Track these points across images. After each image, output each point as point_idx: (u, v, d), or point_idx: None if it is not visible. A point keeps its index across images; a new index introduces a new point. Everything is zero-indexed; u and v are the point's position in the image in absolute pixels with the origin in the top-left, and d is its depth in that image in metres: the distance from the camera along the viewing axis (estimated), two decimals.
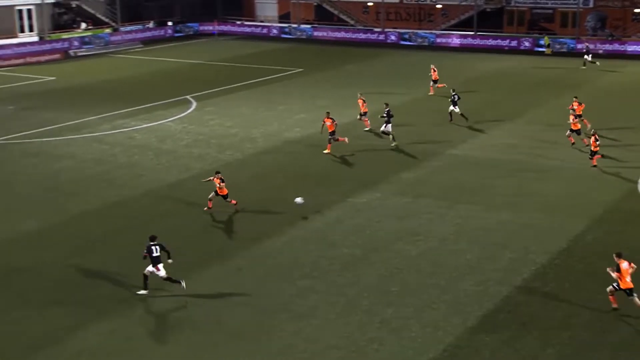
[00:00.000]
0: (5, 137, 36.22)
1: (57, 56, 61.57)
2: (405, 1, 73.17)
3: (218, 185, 26.18)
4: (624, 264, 18.78)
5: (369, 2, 74.73)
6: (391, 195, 27.97)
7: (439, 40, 67.36)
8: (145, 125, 38.68)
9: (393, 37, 69.11)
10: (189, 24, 76.14)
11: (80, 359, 17.21)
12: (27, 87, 49.54)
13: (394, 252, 22.94)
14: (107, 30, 70.28)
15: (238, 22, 76.96)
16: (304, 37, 72.16)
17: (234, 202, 26.41)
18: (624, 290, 18.77)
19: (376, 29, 71.19)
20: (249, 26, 76.27)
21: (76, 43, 64.98)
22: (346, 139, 33.57)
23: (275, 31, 74.13)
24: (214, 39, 73.45)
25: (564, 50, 62.17)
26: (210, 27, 75.91)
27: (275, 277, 21.38)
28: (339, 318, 19.02)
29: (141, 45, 68.59)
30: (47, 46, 63.14)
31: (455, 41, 66.69)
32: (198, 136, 36.64)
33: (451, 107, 38.24)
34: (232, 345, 17.83)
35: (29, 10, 66.23)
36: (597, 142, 30.60)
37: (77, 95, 45.64)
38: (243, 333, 18.33)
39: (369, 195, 28.07)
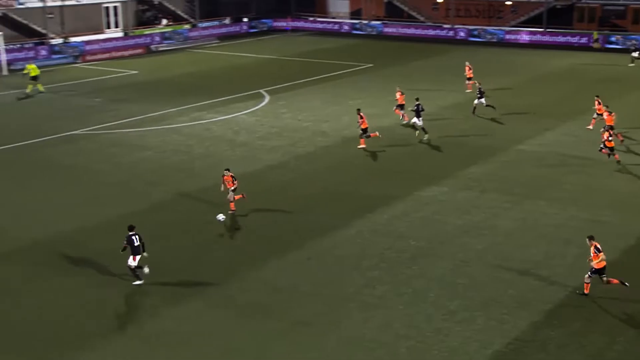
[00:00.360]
0: (92, 128, 37.14)
1: (139, 51, 62.81)
2: None
3: (229, 182, 25.22)
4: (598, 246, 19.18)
5: None
6: (458, 190, 27.62)
7: (508, 36, 66.09)
8: (221, 118, 39.13)
9: (462, 34, 68.15)
10: (263, 20, 76.64)
11: (156, 341, 17.53)
12: (112, 80, 50.69)
13: (459, 245, 22.65)
14: (186, 26, 71.31)
15: (310, 19, 77.08)
16: (374, 33, 71.82)
17: (232, 205, 25.36)
18: (597, 270, 19.09)
19: (445, 26, 70.32)
20: (321, 22, 76.30)
21: (157, 38, 66.15)
22: (377, 133, 33.30)
23: (346, 27, 73.97)
24: (287, 34, 73.76)
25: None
26: (284, 23, 76.25)
27: (344, 267, 21.37)
28: (406, 308, 18.90)
29: (218, 41, 69.39)
30: (130, 41, 64.45)
31: (525, 37, 65.33)
32: (271, 129, 36.87)
33: (476, 101, 38.08)
34: (301, 332, 17.89)
35: (115, 8, 67.72)
36: (610, 139, 29.72)
37: (157, 89, 46.46)
38: (312, 321, 18.37)
39: (436, 189, 27.78)
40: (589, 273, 19.22)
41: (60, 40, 60.64)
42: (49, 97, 44.56)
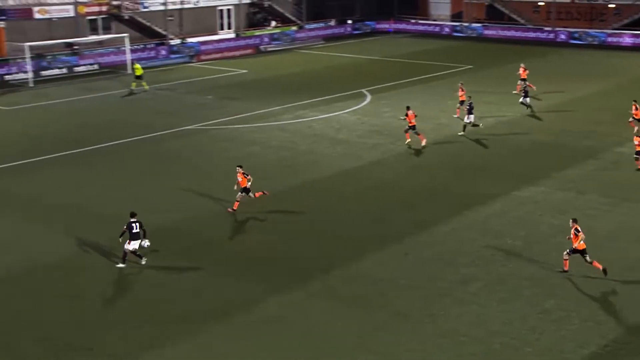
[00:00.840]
0: (204, 123, 38.13)
1: (249, 51, 63.96)
2: (576, 1, 69.55)
3: (240, 179, 24.69)
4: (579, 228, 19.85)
5: (540, 1, 71.73)
6: (555, 190, 26.82)
7: (609, 39, 63.53)
8: (323, 116, 39.38)
9: (563, 36, 65.96)
10: (367, 22, 76.54)
11: (261, 327, 17.82)
12: (224, 79, 51.86)
13: (555, 245, 21.98)
14: (294, 28, 72.11)
15: (412, 21, 76.41)
16: (474, 35, 70.52)
17: (234, 207, 24.95)
18: (579, 251, 19.68)
19: (546, 28, 68.24)
20: (423, 24, 75.51)
21: (266, 39, 67.20)
22: (422, 135, 32.90)
23: (447, 29, 72.96)
24: (389, 36, 73.42)
25: None
26: (386, 25, 75.93)
27: (440, 263, 21.14)
28: (500, 306, 18.53)
29: (323, 42, 69.82)
30: (241, 42, 65.74)
31: (627, 40, 62.62)
32: (372, 127, 36.82)
33: (521, 99, 37.92)
34: (397, 324, 17.83)
35: (228, 10, 69.29)
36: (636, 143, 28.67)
37: (264, 87, 47.19)
38: (408, 314, 18.29)
39: (533, 189, 27.07)
40: (568, 251, 19.81)
41: (178, 41, 62.53)
42: (166, 94, 46.03)
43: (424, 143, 32.64)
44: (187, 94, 45.91)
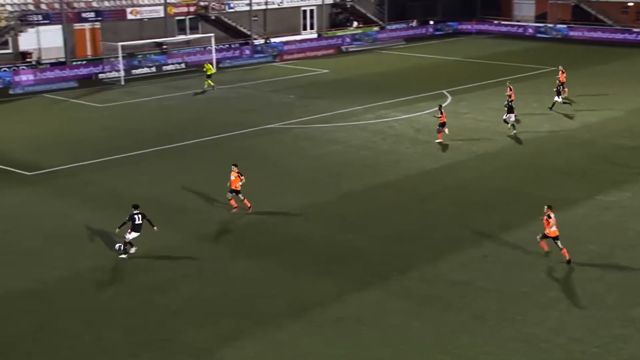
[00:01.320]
0: (286, 122, 38.39)
1: (331, 51, 64.07)
2: None
3: (233, 178, 24.50)
4: (553, 215, 20.63)
5: (629, 2, 69.08)
6: None
7: None
8: (404, 116, 39.05)
9: None
10: (449, 23, 75.52)
11: (338, 324, 17.77)
12: (305, 78, 52.12)
13: None
14: (375, 29, 71.83)
15: (495, 22, 74.90)
16: (559, 36, 68.52)
17: (235, 207, 24.82)
18: (551, 237, 20.58)
19: (635, 29, 65.65)
20: (505, 25, 73.91)
21: (348, 40, 67.18)
22: (446, 130, 33.21)
23: (530, 30, 71.18)
24: (471, 37, 72.22)
25: None
26: (469, 26, 74.71)
27: (520, 266, 20.60)
28: (582, 312, 17.91)
29: (404, 42, 69.26)
30: (323, 42, 65.94)
31: None
32: (452, 128, 36.21)
33: (555, 98, 38.20)
34: (475, 327, 17.45)
35: (311, 10, 69.66)
36: None
37: (346, 87, 47.14)
38: (487, 316, 17.88)
39: (618, 194, 26.07)
40: (540, 235, 20.84)
41: (261, 41, 63.26)
42: (250, 93, 46.60)
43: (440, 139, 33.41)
44: (270, 92, 46.36)
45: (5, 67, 49.93)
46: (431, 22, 75.19)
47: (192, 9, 61.14)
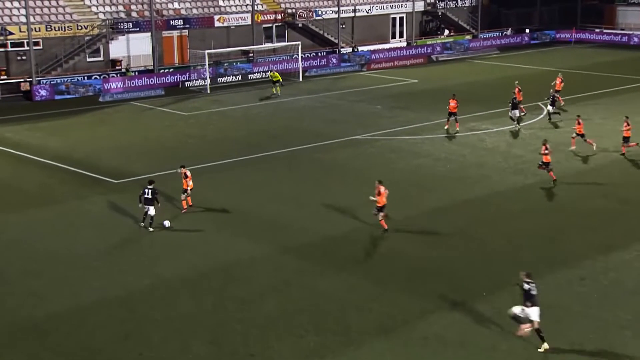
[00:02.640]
0: (372, 133, 38.52)
1: (420, 60, 63.91)
2: None
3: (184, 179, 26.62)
4: (382, 189, 23.99)
5: None
6: None
7: None
8: (496, 129, 38.56)
9: None
10: (546, 32, 74.07)
11: (422, 343, 17.73)
12: (393, 88, 52.17)
13: None
14: (467, 37, 71.23)
15: (597, 30, 72.96)
16: None
17: (184, 206, 26.88)
18: (380, 207, 23.88)
19: None
20: (608, 34, 71.91)
21: (438, 48, 66.87)
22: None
23: (636, 39, 68.97)
24: (570, 46, 70.58)
25: None
26: (567, 35, 73.05)
27: (620, 291, 20.02)
28: None
29: (498, 52, 68.37)
30: (412, 51, 65.85)
31: None
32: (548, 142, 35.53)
33: (549, 107, 39.57)
34: (572, 355, 17.03)
35: (400, 18, 69.69)
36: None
37: (435, 98, 46.87)
38: (583, 344, 17.43)
39: None
40: (374, 211, 23.21)
41: (349, 49, 63.72)
42: (336, 103, 47.00)
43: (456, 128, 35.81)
44: (357, 102, 46.64)
45: (97, 75, 52.17)
46: (527, 31, 73.91)
47: (279, 16, 62.25)
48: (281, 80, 50.14)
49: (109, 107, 47.20)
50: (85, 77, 51.68)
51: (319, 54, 62.16)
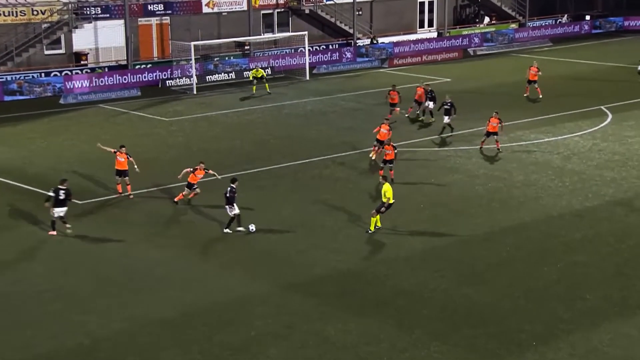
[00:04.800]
0: (395, 144, 38.47)
1: (455, 54, 64.20)
2: None
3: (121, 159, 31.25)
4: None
5: None
6: None
7: None
8: (547, 139, 38.71)
9: None
10: (611, 19, 74.36)
11: None
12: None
13: None
14: (513, 26, 71.56)
15: None
16: None
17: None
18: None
19: None
20: None
21: (476, 40, 67.20)
22: None
23: None
24: None
25: None
26: (639, 23, 73.25)
27: None
28: None
29: (550, 44, 68.64)
30: (445, 43, 66.18)
31: None
32: (613, 156, 35.68)
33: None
34: None
35: (430, 3, 70.07)
36: None
37: (472, 100, 47.02)
38: None
39: None
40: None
41: (367, 41, 64.02)
42: (352, 106, 47.21)
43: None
44: (376, 106, 46.80)
45: (57, 71, 52.51)
46: (587, 18, 74.17)
47: (281, 1, 62.67)
48: (265, 75, 51.59)
49: (73, 111, 47.54)
50: (43, 74, 52.13)
51: (330, 47, 62.53)
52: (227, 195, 27.73)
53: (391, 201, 27.02)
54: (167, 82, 53.22)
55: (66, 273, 24.89)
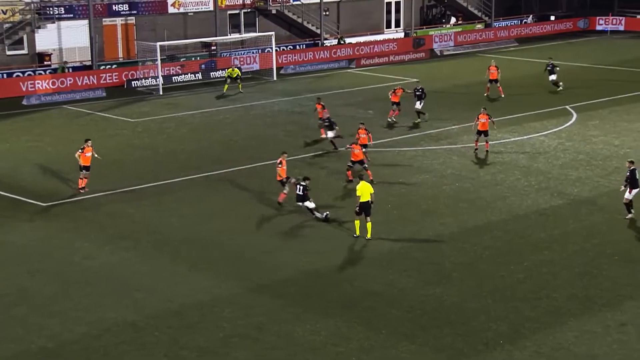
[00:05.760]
0: None
1: (422, 55, 64.48)
2: None
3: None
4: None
5: None
6: None
7: None
8: (513, 139, 38.97)
9: None
10: (576, 19, 75.00)
11: None
12: (388, 89, 52.40)
13: None
14: (479, 26, 72.02)
15: (639, 17, 73.93)
16: None
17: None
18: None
19: None
20: None
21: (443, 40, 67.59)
22: None
23: None
24: (606, 37, 71.49)
25: None
26: (602, 23, 74.04)
27: None
28: None
29: (516, 44, 69.17)
30: (412, 43, 66.33)
31: None
32: (577, 155, 36.00)
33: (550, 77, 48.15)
34: None
35: (397, 3, 70.30)
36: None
37: (439, 101, 47.11)
38: None
39: None
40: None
41: (334, 41, 64.14)
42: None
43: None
44: (343, 106, 46.87)
45: (19, 72, 52.05)
46: (552, 18, 74.83)
47: (248, 1, 62.62)
48: (240, 75, 51.95)
49: (36, 112, 47.15)
50: (5, 75, 51.65)
51: (298, 47, 62.55)
52: (300, 193, 28.22)
53: (363, 199, 26.85)
54: (132, 82, 52.94)
55: (30, 276, 24.65)
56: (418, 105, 42.17)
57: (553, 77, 49.42)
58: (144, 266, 25.24)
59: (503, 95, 47.44)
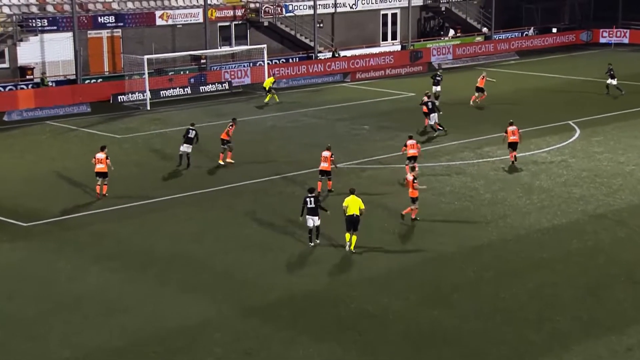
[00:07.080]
0: (358, 161, 38.66)
1: (419, 68, 64.65)
2: None
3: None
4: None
5: None
6: None
7: None
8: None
9: None
10: (579, 31, 75.33)
11: None
12: (384, 104, 52.65)
13: None
14: (478, 38, 72.28)
15: None
16: None
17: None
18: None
19: None
20: None
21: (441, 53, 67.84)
22: None
23: None
24: (610, 49, 71.79)
25: None
26: (607, 35, 74.35)
27: None
28: None
29: (517, 57, 69.44)
30: (409, 56, 66.55)
31: None
32: (581, 172, 36.07)
33: (609, 80, 49.49)
34: None
35: (393, 15, 70.51)
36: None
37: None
38: None
39: None
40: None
41: (328, 54, 64.29)
42: (313, 122, 47.29)
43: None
44: (338, 121, 46.98)
45: (0, 87, 52.05)
46: (554, 30, 75.16)
47: (239, 12, 62.77)
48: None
49: (17, 128, 47.11)
50: None
51: (291, 61, 62.66)
52: (311, 206, 27.60)
53: (349, 212, 26.88)
54: (118, 97, 52.95)
55: (10, 298, 24.55)
56: (432, 119, 42.88)
57: (613, 81, 50.86)
58: (130, 287, 25.16)
59: (479, 102, 49.36)
